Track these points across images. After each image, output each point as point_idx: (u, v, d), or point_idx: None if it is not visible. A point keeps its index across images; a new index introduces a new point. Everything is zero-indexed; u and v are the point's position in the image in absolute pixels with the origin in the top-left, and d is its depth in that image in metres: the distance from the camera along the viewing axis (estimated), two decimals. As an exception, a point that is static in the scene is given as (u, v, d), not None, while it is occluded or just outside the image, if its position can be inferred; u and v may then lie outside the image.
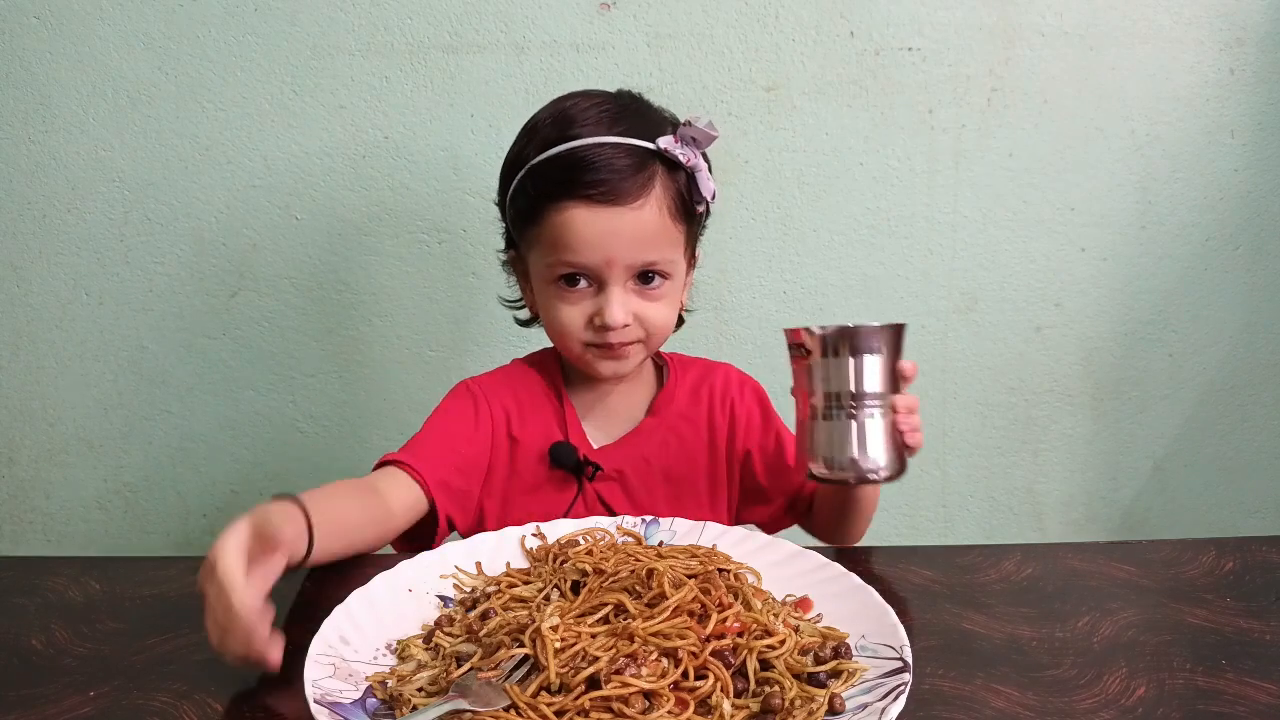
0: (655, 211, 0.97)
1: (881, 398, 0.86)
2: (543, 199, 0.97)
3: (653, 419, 1.08)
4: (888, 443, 0.86)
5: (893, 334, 0.86)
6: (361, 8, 1.37)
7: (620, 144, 0.96)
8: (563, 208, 0.95)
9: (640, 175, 0.96)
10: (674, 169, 0.98)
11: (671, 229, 0.99)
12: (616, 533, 0.87)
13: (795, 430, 0.90)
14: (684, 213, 1.00)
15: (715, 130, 0.97)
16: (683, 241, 1.02)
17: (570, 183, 0.95)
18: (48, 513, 1.53)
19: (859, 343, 0.86)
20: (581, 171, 0.95)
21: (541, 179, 0.97)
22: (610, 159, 0.95)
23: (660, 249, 0.98)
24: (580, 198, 0.95)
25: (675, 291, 1.03)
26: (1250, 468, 1.62)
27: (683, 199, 0.99)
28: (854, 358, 0.86)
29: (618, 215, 0.95)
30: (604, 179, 0.94)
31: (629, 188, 0.95)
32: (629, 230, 0.95)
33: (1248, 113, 1.47)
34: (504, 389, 1.07)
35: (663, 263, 0.99)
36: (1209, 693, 0.69)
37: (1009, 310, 1.53)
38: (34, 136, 1.40)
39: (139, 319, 1.46)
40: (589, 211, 0.95)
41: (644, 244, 0.97)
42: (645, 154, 0.97)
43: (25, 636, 0.76)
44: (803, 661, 0.67)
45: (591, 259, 0.96)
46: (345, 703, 0.63)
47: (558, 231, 0.96)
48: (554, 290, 0.99)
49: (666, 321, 1.03)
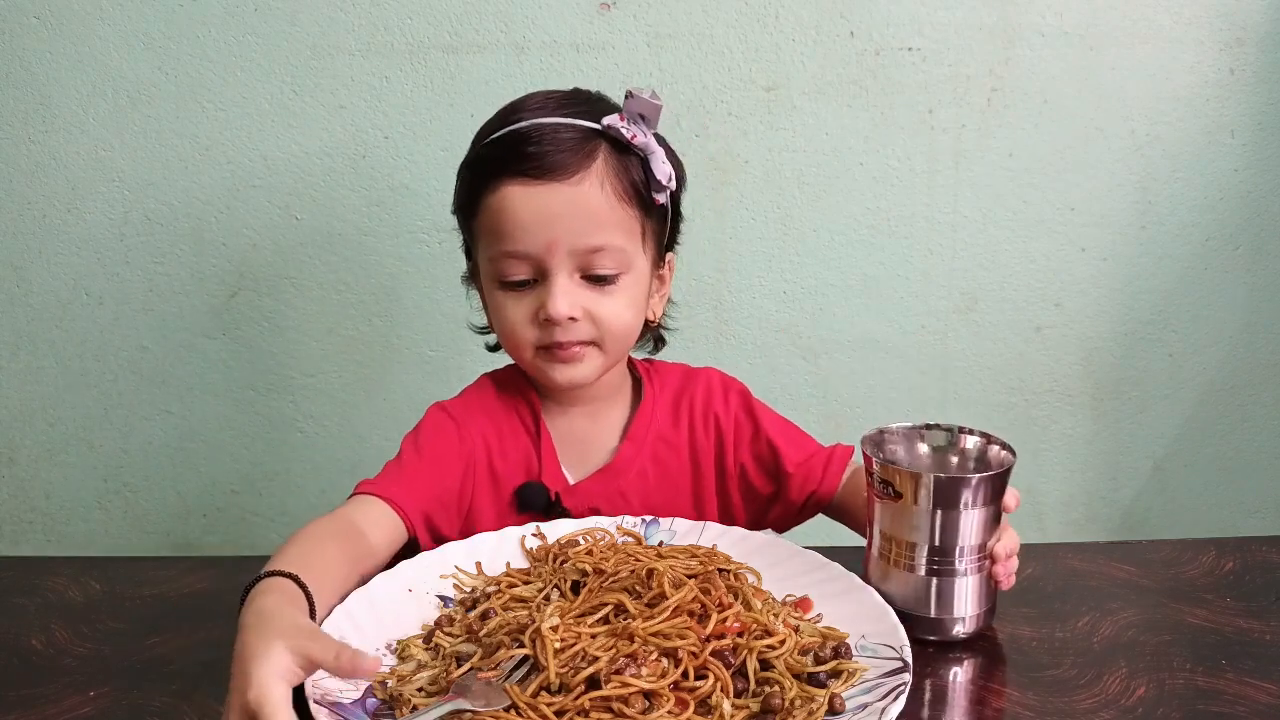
0: (597, 188, 0.89)
1: (983, 548, 0.75)
2: (477, 185, 0.92)
3: (629, 446, 0.99)
4: (981, 595, 0.76)
5: (1007, 475, 0.75)
6: (361, 8, 1.37)
7: (561, 123, 0.90)
8: (497, 189, 0.89)
9: (579, 150, 0.89)
10: (624, 151, 0.91)
11: (620, 212, 0.91)
12: (616, 533, 0.87)
13: (867, 551, 0.80)
14: (636, 198, 0.92)
15: (658, 99, 0.90)
16: (638, 231, 0.93)
17: (504, 160, 0.90)
18: (48, 513, 1.53)
19: (971, 494, 0.73)
20: (517, 147, 0.90)
21: (479, 165, 0.93)
22: (549, 135, 0.89)
23: (606, 232, 0.90)
24: (514, 174, 0.89)
25: (634, 289, 0.94)
26: (1250, 468, 1.62)
27: (634, 183, 0.92)
28: (960, 510, 0.73)
29: (554, 191, 0.88)
30: (538, 152, 0.88)
31: (566, 161, 0.88)
32: (568, 208, 0.88)
33: (1248, 113, 1.47)
34: (481, 415, 0.98)
35: (611, 249, 0.90)
36: (1209, 693, 0.69)
37: (1009, 310, 1.53)
38: (34, 136, 1.40)
39: (139, 319, 1.46)
40: (523, 189, 0.88)
41: (586, 225, 0.89)
42: (589, 133, 0.90)
43: (25, 636, 0.76)
44: (803, 661, 0.67)
45: (530, 244, 0.89)
46: (345, 703, 0.63)
47: (495, 218, 0.90)
48: (499, 292, 0.92)
49: (622, 321, 0.93)
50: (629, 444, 0.99)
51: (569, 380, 0.93)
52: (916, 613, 0.75)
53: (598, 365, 0.94)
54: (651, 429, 1.00)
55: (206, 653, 0.74)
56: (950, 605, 0.75)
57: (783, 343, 1.52)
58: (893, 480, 0.74)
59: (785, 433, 1.03)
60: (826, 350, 1.53)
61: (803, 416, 1.53)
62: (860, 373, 1.54)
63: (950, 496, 0.73)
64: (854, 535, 1.57)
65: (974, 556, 0.75)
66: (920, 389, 1.55)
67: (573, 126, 0.90)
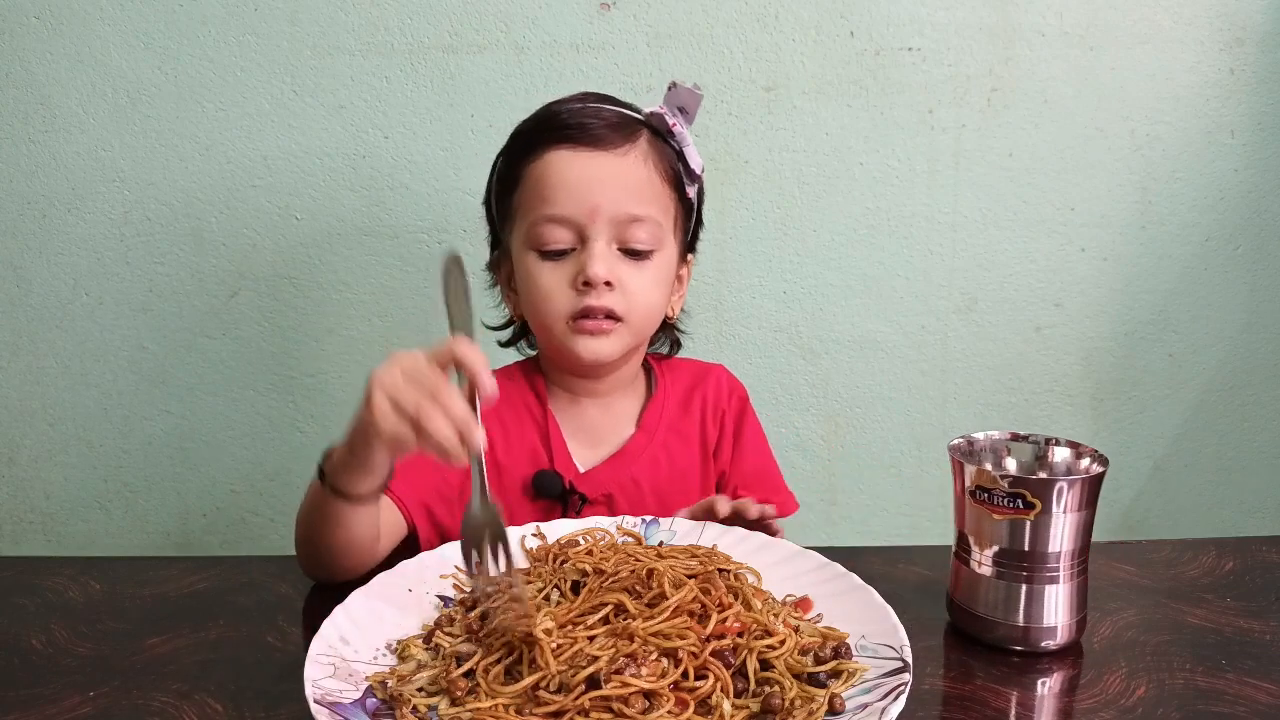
0: (641, 162, 0.94)
1: (1086, 550, 0.75)
2: (523, 156, 0.94)
3: (642, 435, 1.02)
4: (1078, 602, 0.75)
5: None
6: (361, 8, 1.37)
7: (603, 107, 0.95)
8: (543, 155, 0.93)
9: (624, 130, 0.94)
10: (663, 141, 0.96)
11: (660, 189, 0.95)
12: (616, 533, 0.87)
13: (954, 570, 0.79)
14: (674, 181, 0.97)
15: (700, 90, 0.96)
16: (672, 214, 0.97)
17: (552, 129, 0.93)
18: (48, 513, 1.53)
19: (1088, 493, 0.73)
20: (562, 120, 0.93)
21: (522, 139, 0.96)
22: (594, 113, 0.94)
23: (646, 205, 0.93)
24: (561, 140, 0.92)
25: (663, 270, 0.97)
26: (1250, 468, 1.62)
27: (672, 167, 0.97)
28: (1075, 513, 0.73)
29: (601, 158, 0.92)
30: (586, 123, 0.92)
31: (611, 135, 0.92)
32: (613, 175, 0.92)
33: (1248, 113, 1.47)
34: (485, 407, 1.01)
35: (649, 222, 0.93)
36: (1209, 693, 0.69)
37: (1009, 310, 1.53)
38: (34, 136, 1.40)
39: (139, 319, 1.46)
40: (570, 154, 0.92)
41: (629, 195, 0.92)
42: (632, 119, 0.95)
43: (25, 636, 0.76)
44: (803, 661, 0.67)
45: (573, 207, 0.91)
46: (345, 703, 0.62)
47: (538, 183, 0.93)
48: (534, 260, 0.94)
49: (650, 299, 0.96)
50: (641, 433, 1.02)
51: (593, 355, 0.94)
52: (1011, 621, 0.74)
53: (622, 343, 0.95)
54: (663, 419, 1.02)
55: (206, 653, 0.74)
56: (1045, 613, 0.74)
57: (783, 343, 1.52)
58: (1025, 494, 0.72)
59: (758, 464, 1.06)
60: (826, 350, 1.53)
61: (803, 416, 1.55)
62: (860, 373, 1.54)
63: (1068, 497, 0.72)
64: (854, 535, 1.59)
65: (1083, 558, 0.75)
66: (920, 389, 1.55)
67: (616, 110, 0.95)
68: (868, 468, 1.58)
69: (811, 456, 1.56)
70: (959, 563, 0.77)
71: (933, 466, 1.57)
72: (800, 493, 1.12)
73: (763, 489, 1.04)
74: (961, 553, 0.77)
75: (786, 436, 1.54)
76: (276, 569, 0.88)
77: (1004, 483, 0.73)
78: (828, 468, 1.57)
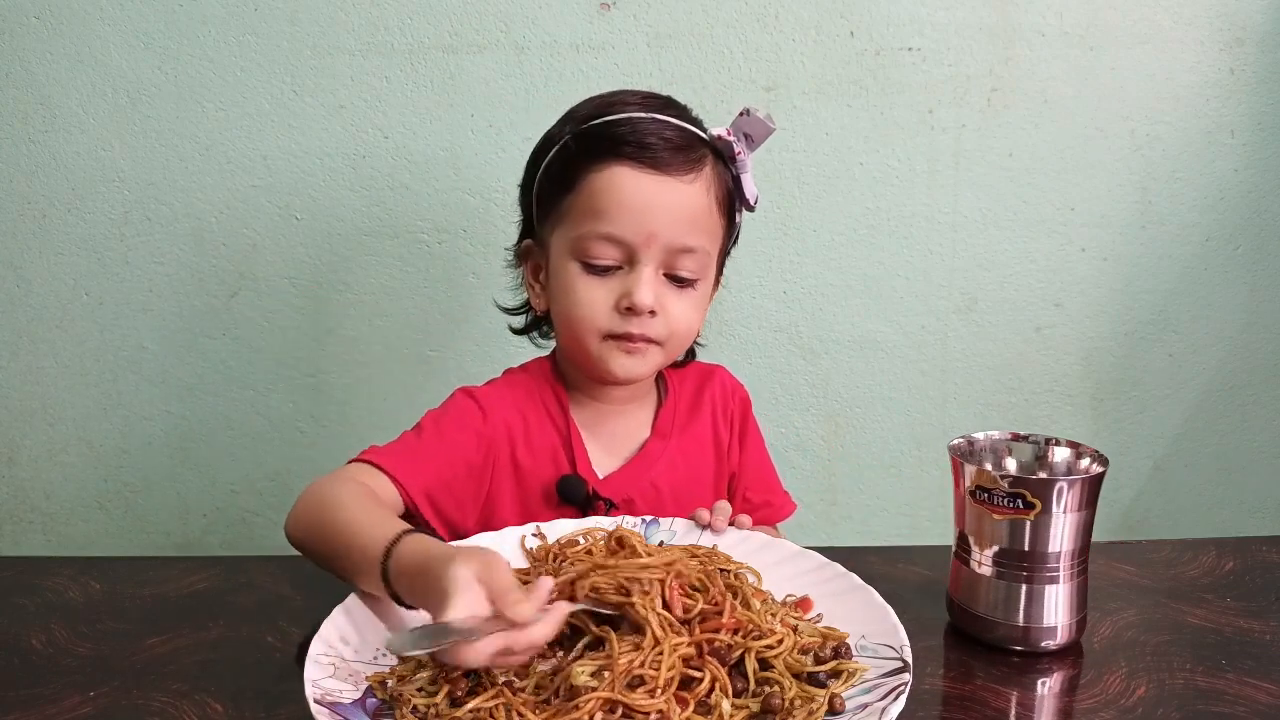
0: (704, 192, 0.91)
1: (1086, 550, 0.75)
2: (584, 161, 0.90)
3: (657, 440, 1.01)
4: (1078, 602, 0.75)
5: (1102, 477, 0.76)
6: (361, 8, 1.37)
7: (670, 121, 0.91)
8: (607, 168, 0.89)
9: (691, 153, 0.91)
10: (724, 164, 0.94)
11: (715, 219, 0.93)
12: (616, 533, 0.86)
13: (954, 571, 0.79)
14: (728, 209, 0.95)
15: (773, 123, 0.92)
16: (720, 240, 0.96)
17: (618, 143, 0.89)
18: (48, 513, 1.53)
19: (1088, 493, 0.73)
20: (631, 134, 0.89)
21: (585, 141, 0.91)
22: (660, 130, 0.90)
23: (701, 236, 0.92)
24: (630, 158, 0.88)
25: (703, 297, 0.96)
26: (1250, 468, 1.62)
27: (729, 194, 0.94)
28: (1075, 513, 0.73)
29: (667, 184, 0.89)
30: (654, 144, 0.89)
31: (680, 160, 0.89)
32: (676, 204, 0.89)
33: (1248, 113, 1.47)
34: (507, 404, 0.98)
35: (699, 253, 0.92)
36: (1209, 693, 0.69)
37: (1009, 310, 1.53)
38: (34, 136, 1.40)
39: (139, 319, 1.46)
40: (636, 174, 0.88)
41: (689, 224, 0.90)
42: (695, 138, 0.92)
43: (25, 636, 0.76)
44: (803, 661, 0.67)
45: (630, 230, 0.88)
46: (345, 703, 0.62)
47: (597, 197, 0.89)
48: (576, 271, 0.91)
49: (689, 327, 0.95)
50: (657, 438, 1.01)
51: (627, 374, 0.94)
52: (1010, 620, 0.74)
53: (655, 364, 0.95)
54: (676, 423, 1.03)
55: (206, 653, 0.74)
56: (1045, 613, 0.74)
57: (783, 343, 1.52)
58: (1025, 494, 0.72)
59: (760, 466, 1.08)
60: (826, 350, 1.53)
61: (803, 416, 1.55)
62: (860, 373, 1.54)
63: (1070, 496, 0.72)
64: (855, 535, 1.59)
65: (1083, 558, 0.75)
66: (920, 389, 1.55)
67: (680, 129, 0.91)
68: (868, 468, 1.58)
69: (811, 456, 1.56)
70: (959, 563, 0.77)
71: (933, 466, 1.57)
72: (800, 493, 1.13)
73: (763, 490, 1.06)
74: (961, 553, 0.77)
75: (786, 436, 1.54)
76: (276, 569, 0.88)
77: (1004, 483, 0.73)
78: (828, 468, 1.57)
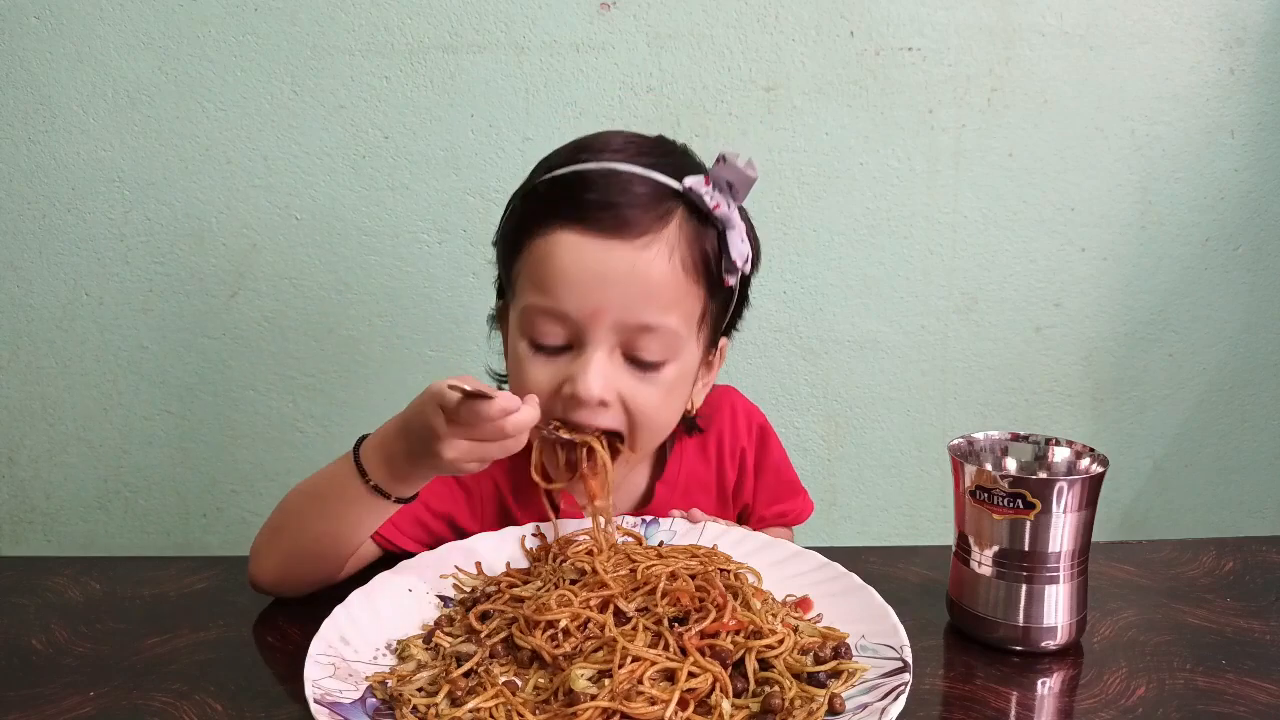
0: (664, 257, 0.77)
1: (1086, 550, 0.75)
2: (529, 223, 0.79)
3: (664, 488, 0.93)
4: (1078, 602, 0.75)
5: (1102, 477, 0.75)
6: (361, 8, 1.37)
7: (637, 173, 0.78)
8: (549, 233, 0.77)
9: (654, 209, 0.77)
10: (701, 220, 0.79)
11: (683, 289, 0.78)
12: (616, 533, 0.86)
13: (954, 571, 0.78)
14: (704, 274, 0.80)
15: (753, 170, 0.78)
16: (697, 314, 0.81)
17: (564, 202, 0.77)
18: (48, 513, 1.53)
19: (1088, 492, 0.73)
20: (581, 189, 0.77)
21: (534, 200, 0.80)
22: (621, 183, 0.77)
23: (662, 311, 0.77)
24: (571, 220, 0.76)
25: (677, 380, 0.82)
26: (1250, 468, 1.62)
27: (705, 257, 0.79)
28: (1075, 513, 0.72)
29: (614, 251, 0.76)
30: (604, 201, 0.76)
31: (635, 218, 0.76)
32: (626, 274, 0.76)
33: (1248, 113, 1.47)
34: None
35: (662, 332, 0.78)
36: (1209, 693, 0.69)
37: (1009, 310, 1.53)
38: (34, 136, 1.40)
39: (139, 319, 1.46)
40: (579, 240, 0.76)
41: (642, 298, 0.77)
42: (666, 192, 0.78)
43: (25, 636, 0.76)
44: (803, 661, 0.67)
45: (573, 305, 0.76)
46: (345, 703, 0.62)
47: (539, 266, 0.78)
48: (525, 349, 0.80)
49: (659, 415, 0.81)
50: (664, 486, 0.94)
51: (569, 486, 0.82)
52: (1011, 620, 0.74)
53: (618, 473, 0.83)
54: (683, 470, 0.95)
55: (206, 653, 0.74)
56: (1045, 613, 0.74)
57: (783, 343, 1.52)
58: (1025, 493, 0.72)
59: (777, 484, 1.02)
60: (826, 350, 1.53)
61: (803, 416, 1.54)
62: (860, 373, 1.54)
63: (1070, 496, 0.72)
64: (854, 535, 1.59)
65: (1084, 558, 0.74)
66: (920, 389, 1.55)
67: (649, 180, 0.78)
68: (868, 468, 1.58)
69: (811, 456, 1.56)
70: (959, 563, 0.77)
71: (933, 466, 1.57)
72: (800, 493, 1.13)
73: (774, 502, 1.01)
74: (961, 553, 0.77)
75: (787, 436, 1.53)
76: (276, 569, 0.88)
77: (1004, 483, 0.73)
78: (828, 468, 1.57)
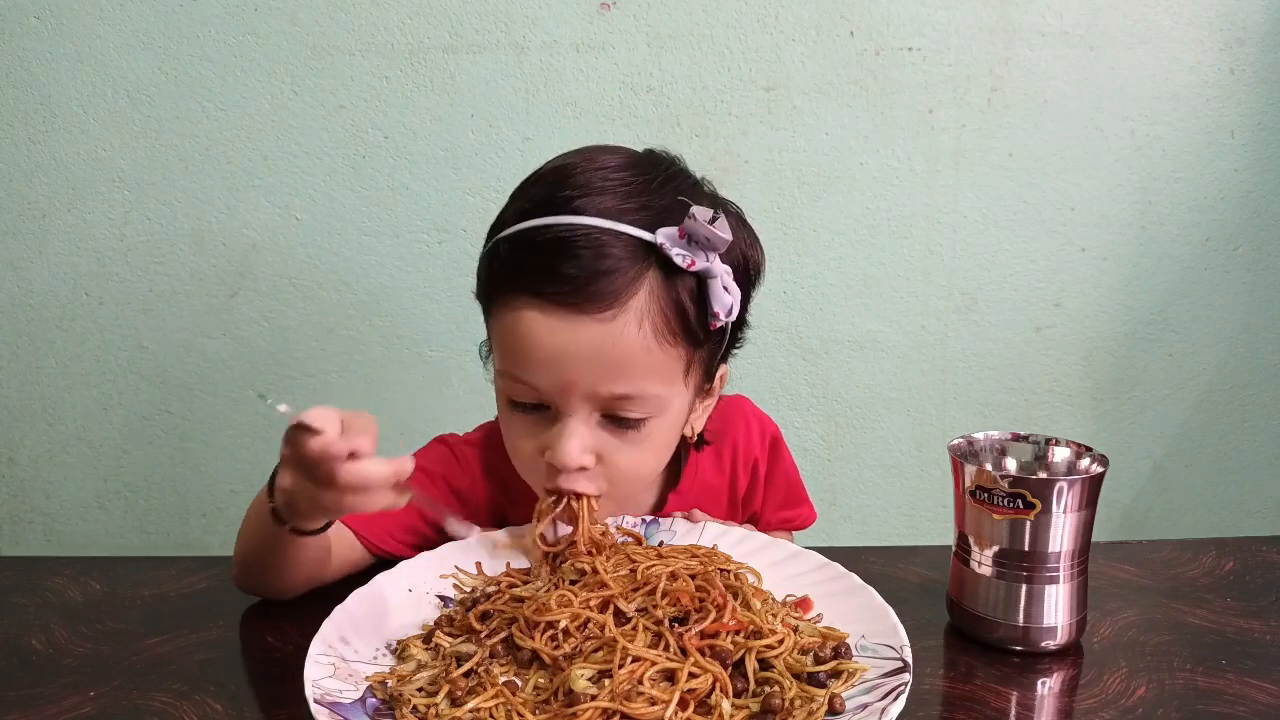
0: (633, 327, 0.73)
1: (1086, 550, 0.75)
2: (493, 289, 0.78)
3: (676, 498, 0.92)
4: (1078, 602, 0.75)
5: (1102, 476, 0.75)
6: (361, 8, 1.37)
7: (608, 230, 0.73)
8: (513, 304, 0.75)
9: (621, 276, 0.73)
10: (679, 271, 0.74)
11: (658, 355, 0.75)
12: (616, 533, 0.86)
13: (954, 569, 0.78)
14: (683, 332, 0.76)
15: (725, 231, 0.72)
16: (680, 371, 0.78)
17: (528, 271, 0.74)
18: (48, 513, 1.53)
19: (1088, 493, 0.72)
20: (545, 258, 0.73)
21: (501, 259, 0.77)
22: (590, 247, 0.73)
23: (637, 379, 0.75)
24: (535, 294, 0.73)
25: (663, 433, 0.80)
26: (1250, 468, 1.62)
27: (681, 314, 0.75)
28: (1075, 513, 0.72)
29: (579, 327, 0.73)
30: (569, 275, 0.72)
31: (600, 290, 0.72)
32: (592, 350, 0.73)
33: (1248, 113, 1.47)
34: (489, 480, 0.90)
35: (640, 398, 0.76)
36: (1209, 693, 0.69)
37: (1009, 310, 1.53)
38: (34, 136, 1.40)
39: (139, 319, 1.46)
40: (544, 318, 0.73)
41: (613, 370, 0.74)
42: (638, 249, 0.74)
43: (25, 636, 0.76)
44: (803, 661, 0.67)
45: (544, 380, 0.75)
46: (345, 703, 0.62)
47: (506, 335, 0.77)
48: (505, 405, 0.80)
49: (639, 470, 0.81)
50: (676, 496, 0.93)
51: (565, 530, 0.82)
52: (1012, 621, 0.74)
53: (602, 513, 0.82)
54: (697, 479, 0.94)
55: (206, 653, 0.74)
56: (1046, 613, 0.74)
57: (783, 343, 1.52)
58: (1026, 493, 0.72)
59: (785, 493, 1.03)
60: (826, 350, 1.53)
61: (803, 417, 1.54)
62: (860, 373, 1.54)
63: (1071, 496, 0.72)
64: (854, 535, 1.59)
65: (1084, 558, 0.74)
66: (920, 389, 1.55)
67: (621, 239, 0.73)
68: (868, 468, 1.58)
69: (811, 456, 1.56)
70: (959, 563, 0.77)
71: (933, 466, 1.57)
72: (799, 493, 1.12)
73: (788, 507, 1.02)
74: (961, 553, 0.77)
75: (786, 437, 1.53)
76: (276, 569, 0.88)
77: (1004, 483, 0.73)
78: (828, 468, 1.57)
